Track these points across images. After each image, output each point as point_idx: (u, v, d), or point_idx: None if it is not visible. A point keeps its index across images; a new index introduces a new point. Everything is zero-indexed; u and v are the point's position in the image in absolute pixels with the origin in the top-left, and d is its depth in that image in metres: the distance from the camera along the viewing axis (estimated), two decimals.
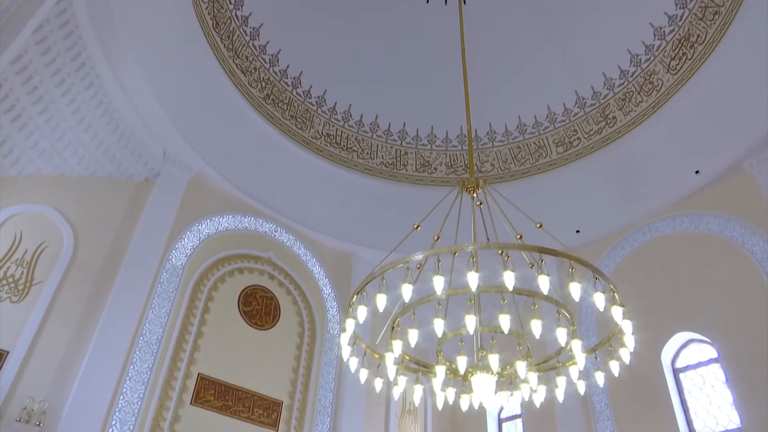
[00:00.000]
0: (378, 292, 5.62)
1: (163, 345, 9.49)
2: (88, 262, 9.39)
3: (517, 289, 5.49)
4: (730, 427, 9.20)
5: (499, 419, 12.92)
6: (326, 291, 12.45)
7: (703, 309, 10.05)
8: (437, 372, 6.37)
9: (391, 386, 6.98)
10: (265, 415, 10.23)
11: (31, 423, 7.82)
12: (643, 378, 10.25)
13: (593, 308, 11.36)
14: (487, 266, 6.21)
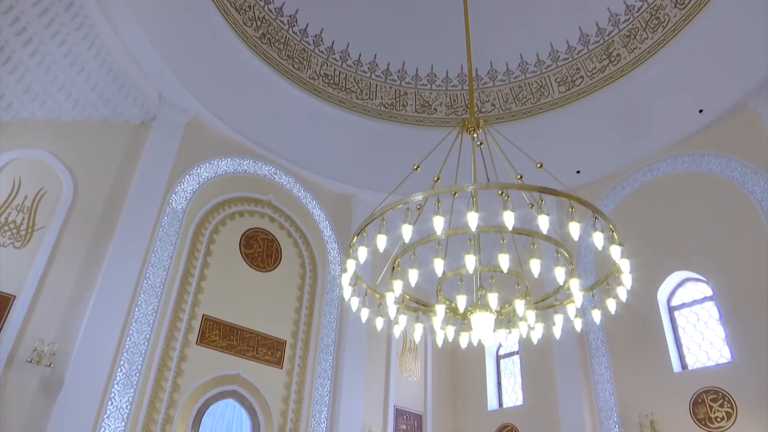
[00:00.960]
0: (378, 233, 5.65)
1: (167, 288, 9.63)
2: (88, 207, 9.41)
3: (516, 229, 5.51)
4: (721, 362, 9.46)
5: (497, 356, 13.28)
6: (327, 233, 12.53)
7: (701, 248, 10.15)
8: (437, 311, 6.49)
9: (391, 325, 7.11)
10: (269, 354, 10.50)
11: (42, 364, 8.03)
12: (639, 316, 10.47)
13: (592, 248, 11.50)
14: (486, 206, 6.22)
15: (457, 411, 13.11)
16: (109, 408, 8.32)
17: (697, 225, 10.37)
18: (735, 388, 8.89)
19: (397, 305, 6.63)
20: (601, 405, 10.44)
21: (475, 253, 5.72)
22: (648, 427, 9.62)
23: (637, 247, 10.58)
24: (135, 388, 8.66)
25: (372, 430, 11.30)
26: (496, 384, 12.95)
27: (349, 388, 11.12)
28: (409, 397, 12.46)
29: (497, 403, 12.67)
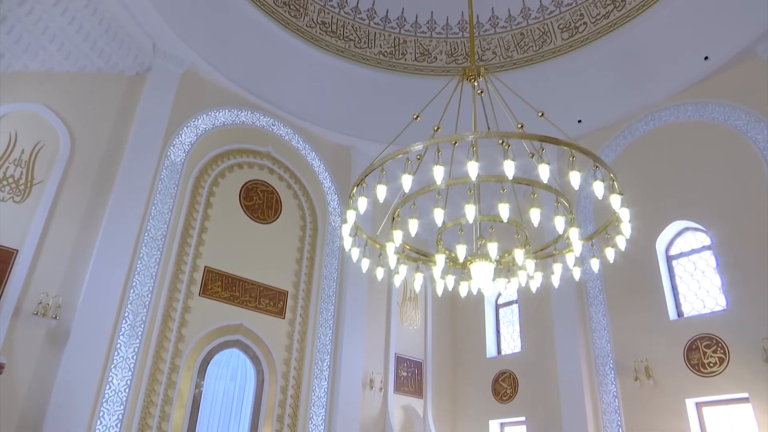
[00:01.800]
0: (378, 184, 5.62)
1: (169, 240, 9.69)
2: (86, 161, 9.36)
3: (516, 179, 5.48)
4: (716, 309, 9.61)
5: (497, 305, 13.49)
6: (326, 184, 12.52)
7: (701, 198, 10.16)
8: (437, 260, 6.54)
9: (392, 275, 7.18)
10: (271, 304, 10.67)
11: (48, 316, 8.16)
12: (637, 265, 10.57)
13: (592, 197, 11.52)
14: (487, 156, 6.18)
15: (456, 358, 13.42)
16: (116, 358, 8.50)
17: (698, 174, 10.35)
18: (728, 334, 9.06)
19: (397, 255, 6.67)
20: (597, 352, 10.66)
21: (475, 202, 5.71)
22: (643, 373, 9.86)
23: (637, 196, 10.60)
24: (140, 339, 8.83)
25: (373, 377, 11.59)
26: (494, 332, 13.20)
27: (351, 337, 11.35)
28: (410, 346, 12.73)
29: (496, 351, 12.96)
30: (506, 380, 12.14)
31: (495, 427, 12.15)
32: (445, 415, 12.72)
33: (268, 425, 9.81)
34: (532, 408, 11.41)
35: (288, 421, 10.09)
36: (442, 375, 13.07)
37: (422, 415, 12.33)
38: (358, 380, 11.18)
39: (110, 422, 8.15)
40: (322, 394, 10.73)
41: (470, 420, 12.52)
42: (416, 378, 12.54)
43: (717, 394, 8.98)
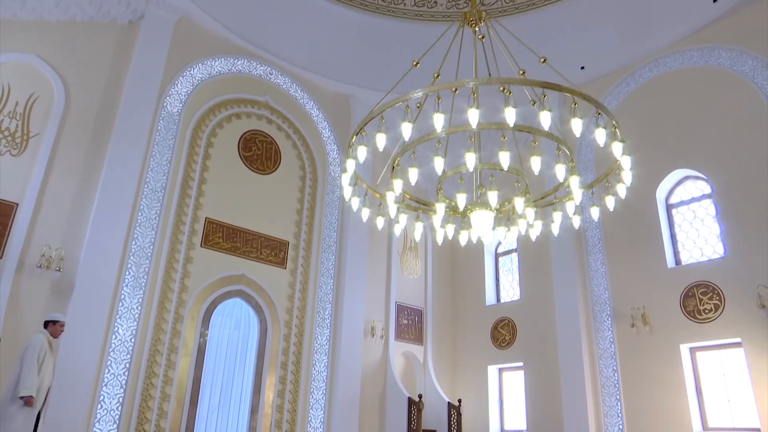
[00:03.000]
0: (378, 132, 5.57)
1: (168, 192, 9.68)
2: (82, 112, 9.25)
3: (517, 126, 5.43)
4: (714, 257, 9.69)
5: (496, 254, 13.61)
6: (326, 134, 12.41)
7: (703, 145, 10.08)
8: (437, 209, 6.55)
9: (392, 224, 7.21)
10: (273, 255, 10.75)
11: (51, 269, 8.24)
12: (637, 213, 10.60)
13: (593, 145, 11.45)
14: (487, 103, 6.11)
15: (456, 306, 13.64)
16: (121, 309, 8.63)
17: (700, 122, 10.24)
18: (724, 281, 9.17)
19: (397, 204, 6.68)
20: (595, 299, 10.82)
21: (475, 150, 5.68)
22: (639, 319, 10.03)
23: (639, 144, 10.53)
24: (144, 290, 8.93)
25: (374, 325, 11.81)
26: (494, 280, 13.37)
27: (352, 286, 11.49)
28: (410, 294, 12.91)
29: (495, 299, 13.15)
30: (505, 327, 12.38)
31: (493, 372, 12.47)
32: (445, 361, 13.02)
33: (272, 372, 10.05)
34: (530, 354, 11.68)
35: (291, 368, 10.34)
36: (442, 322, 13.31)
37: (422, 361, 12.63)
38: (360, 328, 11.39)
39: (118, 370, 8.34)
40: (325, 341, 10.96)
41: (469, 365, 12.83)
42: (417, 325, 12.78)
43: (711, 339, 9.16)
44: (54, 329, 6.00)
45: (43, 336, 5.86)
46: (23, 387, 5.51)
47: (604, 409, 10.08)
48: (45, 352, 5.75)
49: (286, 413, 10.04)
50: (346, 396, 10.68)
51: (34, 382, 5.54)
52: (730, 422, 8.83)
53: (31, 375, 5.55)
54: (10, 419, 5.43)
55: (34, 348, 5.74)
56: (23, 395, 5.48)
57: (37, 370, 5.61)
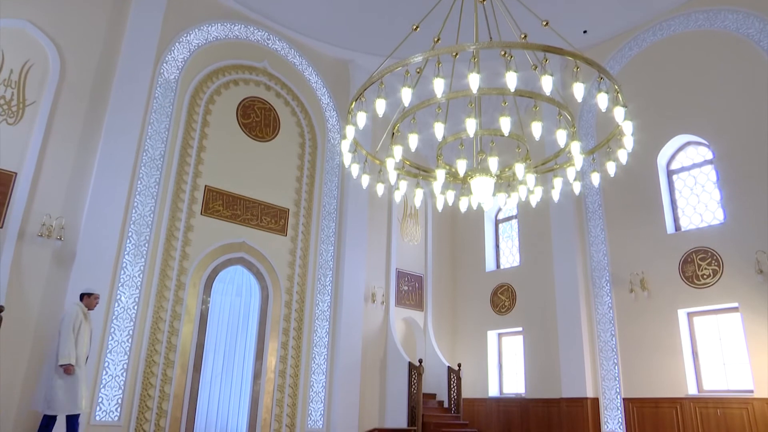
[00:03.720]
0: (377, 98, 5.51)
1: (167, 160, 9.64)
2: (78, 79, 9.13)
3: (518, 91, 5.37)
4: (713, 223, 9.70)
5: (496, 220, 13.64)
6: (325, 100, 12.29)
7: (706, 111, 9.99)
8: (437, 175, 6.53)
9: (392, 191, 7.20)
10: (273, 222, 10.77)
11: (52, 238, 8.26)
12: (638, 179, 10.58)
13: (594, 111, 11.36)
14: (488, 68, 6.03)
15: (456, 272, 13.73)
16: (122, 277, 8.68)
17: (703, 87, 10.13)
18: (723, 247, 9.20)
19: (397, 171, 6.66)
20: (594, 265, 10.88)
21: (475, 116, 5.63)
22: (638, 285, 10.11)
23: (641, 109, 10.45)
24: (145, 258, 8.98)
25: (375, 291, 11.91)
26: (494, 247, 13.43)
27: (352, 253, 11.55)
28: (410, 261, 12.99)
29: (495, 265, 13.23)
30: (504, 293, 12.48)
31: (493, 337, 12.62)
32: (445, 326, 13.18)
33: (274, 338, 10.18)
34: (529, 319, 11.81)
35: (293, 334, 10.46)
36: (442, 289, 13.42)
37: (423, 326, 12.78)
38: (360, 294, 11.49)
39: (121, 338, 8.44)
40: (326, 308, 11.06)
41: (469, 331, 12.98)
42: (417, 292, 12.89)
43: (708, 304, 9.24)
44: (89, 301, 6.21)
45: (77, 307, 6.10)
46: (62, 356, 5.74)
47: (602, 372, 10.24)
48: (80, 323, 5.93)
49: (289, 378, 10.21)
50: (347, 361, 10.84)
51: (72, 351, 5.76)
52: (725, 385, 8.98)
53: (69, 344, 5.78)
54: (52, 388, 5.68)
55: (69, 319, 5.94)
56: (62, 363, 5.71)
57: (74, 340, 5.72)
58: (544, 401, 11.01)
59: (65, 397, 5.67)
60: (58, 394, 5.66)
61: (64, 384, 5.71)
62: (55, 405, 5.62)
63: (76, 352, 5.83)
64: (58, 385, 5.69)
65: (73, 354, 5.79)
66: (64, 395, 5.68)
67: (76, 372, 5.70)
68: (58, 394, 5.66)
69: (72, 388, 5.73)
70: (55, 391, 5.67)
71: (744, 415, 8.39)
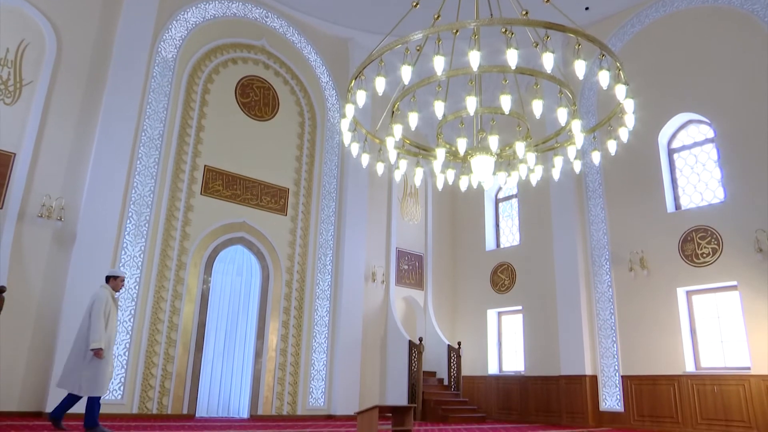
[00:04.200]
0: (377, 76, 5.47)
1: (166, 139, 9.60)
2: (74, 59, 9.06)
3: (519, 68, 5.32)
4: (713, 202, 9.69)
5: (496, 199, 13.63)
6: (324, 79, 12.20)
7: (708, 89, 9.92)
8: (437, 154, 6.51)
9: (392, 170, 7.19)
10: (273, 202, 10.77)
11: (53, 218, 8.27)
12: (638, 158, 10.54)
13: (595, 89, 11.28)
14: (489, 45, 5.97)
15: (456, 251, 13.76)
16: (123, 257, 8.71)
17: (706, 65, 10.03)
18: (723, 226, 9.20)
19: (397, 150, 6.64)
20: (594, 244, 10.89)
21: (476, 94, 5.59)
22: (637, 264, 10.13)
23: (643, 87, 10.37)
24: (146, 238, 8.99)
25: (375, 270, 11.95)
26: (494, 226, 13.44)
27: (352, 232, 11.56)
28: (411, 240, 13.01)
29: (495, 244, 13.26)
30: (504, 272, 12.52)
31: (492, 315, 12.70)
32: (445, 305, 13.25)
33: (275, 317, 10.24)
34: (529, 298, 11.86)
35: (294, 313, 10.53)
36: (442, 268, 13.46)
37: (423, 305, 12.85)
38: (361, 274, 11.53)
39: (123, 317, 8.49)
40: (326, 287, 11.11)
41: (469, 309, 13.06)
42: (417, 271, 12.94)
43: (707, 283, 9.28)
44: (115, 284, 6.29)
45: (106, 291, 6.15)
46: (93, 340, 5.76)
47: (601, 350, 10.32)
48: (110, 307, 6.03)
49: (290, 357, 10.29)
50: (348, 339, 10.92)
51: (102, 335, 5.80)
52: (722, 362, 9.06)
53: (99, 328, 5.80)
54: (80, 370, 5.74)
55: (100, 303, 5.94)
56: (93, 347, 5.74)
57: (104, 323, 5.88)
58: (543, 379, 11.12)
59: (93, 379, 5.76)
60: (85, 376, 5.75)
61: (92, 367, 5.79)
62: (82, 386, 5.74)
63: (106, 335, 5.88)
64: (86, 368, 5.77)
65: (104, 338, 5.84)
66: (92, 378, 5.77)
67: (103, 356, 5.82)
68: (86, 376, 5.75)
69: (100, 370, 5.82)
70: (83, 374, 5.76)
71: (740, 391, 8.48)
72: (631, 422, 9.62)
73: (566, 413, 10.34)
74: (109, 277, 6.29)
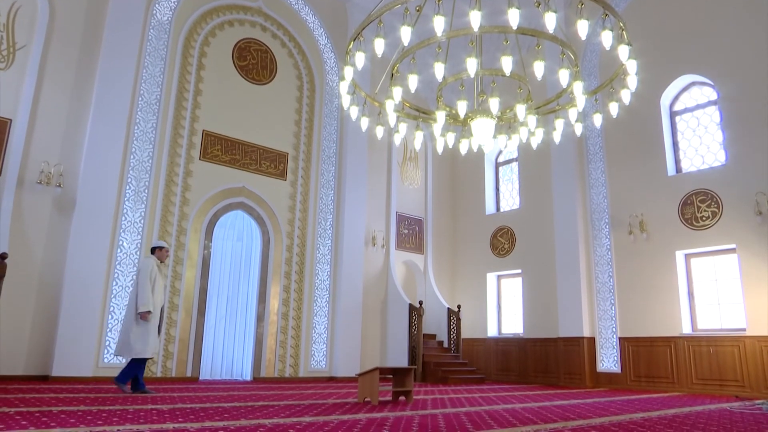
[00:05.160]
0: (376, 37, 5.37)
1: (164, 104, 9.50)
2: (68, 22, 8.89)
3: (521, 29, 5.22)
4: (715, 165, 9.65)
5: (496, 163, 13.58)
6: (322, 41, 12.00)
7: (712, 50, 9.76)
8: (437, 117, 6.45)
9: (392, 134, 7.14)
10: (272, 167, 10.72)
11: (52, 185, 8.25)
12: (640, 120, 10.45)
13: (598, 50, 11.11)
14: (490, 5, 5.85)
15: (456, 215, 13.79)
16: (124, 223, 8.72)
17: (710, 26, 9.85)
18: (724, 189, 9.19)
19: (396, 113, 6.57)
20: (594, 207, 10.90)
21: (476, 56, 5.50)
22: (637, 227, 10.15)
23: (646, 49, 10.21)
24: (146, 204, 8.98)
25: (375, 234, 11.99)
26: (494, 190, 13.43)
27: (352, 197, 11.55)
28: (411, 204, 13.01)
29: (495, 208, 13.27)
30: (504, 236, 12.57)
31: (492, 279, 12.80)
32: (445, 269, 13.34)
33: (276, 282, 10.32)
34: (528, 261, 11.93)
35: (295, 278, 10.60)
36: (442, 232, 13.51)
37: (423, 269, 12.93)
38: (361, 238, 11.57)
39: (125, 282, 8.55)
40: (327, 251, 11.16)
41: (469, 273, 13.15)
42: (417, 235, 12.98)
43: (706, 246, 9.31)
44: (160, 254, 6.73)
45: (151, 260, 6.56)
46: (141, 304, 6.21)
47: (599, 313, 10.43)
48: (155, 275, 6.43)
49: (291, 320, 10.41)
50: (348, 303, 11.03)
51: (149, 299, 6.23)
52: (719, 324, 9.16)
53: (147, 293, 6.24)
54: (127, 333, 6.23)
55: (146, 270, 6.36)
56: (141, 311, 6.20)
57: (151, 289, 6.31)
58: (541, 341, 11.27)
59: (138, 341, 6.22)
60: (131, 338, 6.21)
61: (138, 330, 6.25)
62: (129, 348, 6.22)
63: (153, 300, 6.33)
64: (133, 331, 6.24)
65: (151, 302, 6.26)
66: (137, 340, 6.22)
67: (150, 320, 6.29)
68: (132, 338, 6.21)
69: (144, 334, 6.27)
70: (130, 336, 6.22)
71: (735, 352, 8.61)
72: (628, 383, 9.80)
73: (564, 374, 10.52)
74: (155, 248, 6.77)
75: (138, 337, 6.18)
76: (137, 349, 6.16)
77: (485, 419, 4.33)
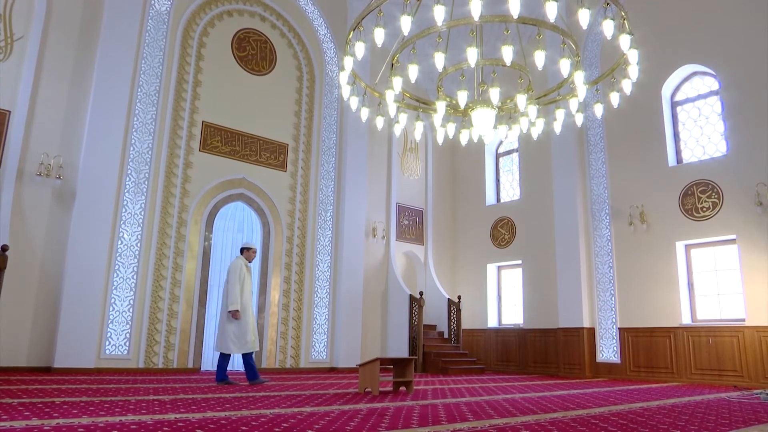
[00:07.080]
0: (376, 27, 5.34)
1: (163, 95, 9.47)
2: (66, 12, 8.85)
3: (521, 18, 5.19)
4: (716, 155, 9.63)
5: (497, 154, 13.55)
6: (322, 31, 11.94)
7: (714, 40, 9.70)
8: (438, 108, 6.42)
9: (392, 124, 7.11)
10: (272, 158, 10.70)
11: (51, 177, 8.24)
12: (641, 111, 10.42)
13: (599, 40, 11.06)
14: None
15: (456, 206, 13.78)
16: (124, 215, 8.71)
17: (712, 15, 9.78)
18: (724, 179, 9.17)
19: (397, 103, 6.55)
20: (594, 198, 10.89)
21: (477, 45, 5.47)
22: (637, 218, 10.15)
23: (647, 38, 10.16)
24: (146, 195, 8.98)
25: (375, 225, 11.99)
26: (494, 180, 13.41)
27: (353, 188, 11.54)
28: (411, 195, 13.01)
29: (495, 199, 13.26)
30: (504, 226, 12.57)
31: (492, 270, 12.81)
32: (445, 260, 13.35)
33: (276, 273, 10.33)
34: (529, 252, 11.94)
35: (296, 269, 10.61)
36: (443, 223, 13.51)
37: (423, 260, 12.94)
38: (361, 229, 11.57)
39: (126, 274, 8.56)
40: (327, 243, 11.16)
41: (469, 264, 13.16)
42: (417, 226, 12.98)
43: (707, 236, 9.31)
44: (248, 254, 7.02)
45: (240, 260, 6.88)
46: (230, 303, 6.58)
47: (599, 303, 10.45)
48: (244, 274, 6.76)
49: (292, 311, 10.43)
50: (349, 294, 11.05)
51: (238, 299, 6.59)
52: (718, 315, 9.18)
53: (235, 292, 6.60)
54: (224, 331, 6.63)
55: (235, 270, 6.71)
56: (231, 309, 6.56)
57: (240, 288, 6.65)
58: (541, 331, 11.30)
59: (235, 338, 6.59)
60: (228, 336, 6.59)
61: (232, 327, 6.61)
62: (227, 345, 6.58)
63: (242, 299, 6.65)
64: (228, 329, 6.61)
65: (239, 301, 6.59)
66: (234, 337, 6.59)
67: (242, 317, 6.62)
68: (228, 335, 6.58)
69: (240, 330, 6.62)
70: (226, 334, 6.60)
71: (734, 342, 8.63)
72: (627, 373, 9.83)
73: (564, 364, 10.56)
74: (243, 249, 7.09)
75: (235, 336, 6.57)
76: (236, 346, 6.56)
77: (485, 409, 4.35)
